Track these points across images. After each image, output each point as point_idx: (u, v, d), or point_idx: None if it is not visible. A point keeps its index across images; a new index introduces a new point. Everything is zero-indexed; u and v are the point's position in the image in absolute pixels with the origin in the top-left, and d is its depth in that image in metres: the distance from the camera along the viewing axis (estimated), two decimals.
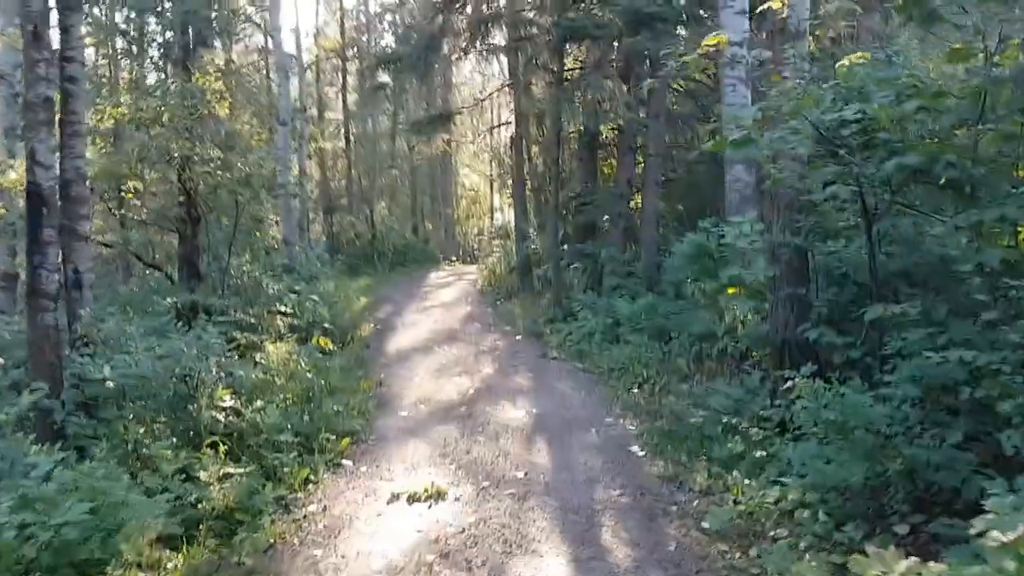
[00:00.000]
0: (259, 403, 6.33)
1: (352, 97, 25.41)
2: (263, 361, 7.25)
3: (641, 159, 11.34)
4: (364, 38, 26.75)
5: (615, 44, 9.13)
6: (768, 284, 6.14)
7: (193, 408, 5.61)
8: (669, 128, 10.82)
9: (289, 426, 6.10)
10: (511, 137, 14.19)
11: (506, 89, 13.28)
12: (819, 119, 4.13)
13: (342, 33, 25.47)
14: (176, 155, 7.98)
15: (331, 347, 8.64)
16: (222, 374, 6.21)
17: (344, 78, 24.86)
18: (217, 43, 17.18)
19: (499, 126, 18.51)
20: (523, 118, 12.46)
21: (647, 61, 9.53)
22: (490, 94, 13.97)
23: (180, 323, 7.31)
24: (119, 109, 7.65)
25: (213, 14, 8.72)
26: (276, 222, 13.98)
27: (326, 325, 8.71)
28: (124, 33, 7.67)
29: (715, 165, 11.89)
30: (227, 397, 5.91)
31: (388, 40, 25.27)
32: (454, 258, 26.72)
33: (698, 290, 8.17)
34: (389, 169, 26.37)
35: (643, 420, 6.71)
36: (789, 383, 4.57)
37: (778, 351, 6.13)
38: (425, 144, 18.61)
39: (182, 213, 8.64)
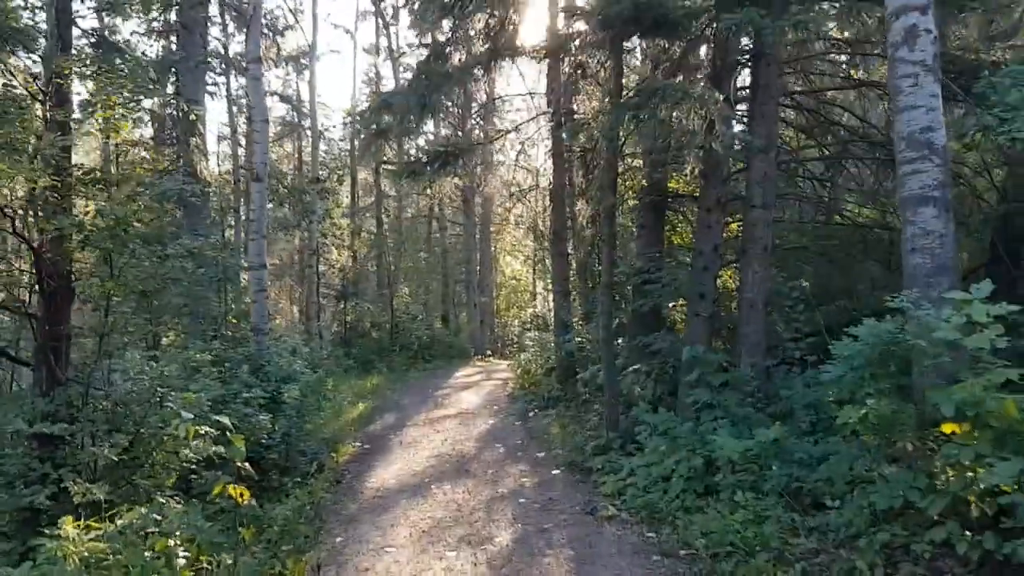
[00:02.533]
0: None
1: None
2: (72, 548, 3.91)
3: (731, 218, 7.89)
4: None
5: (701, 35, 5.99)
6: None
7: None
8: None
9: None
10: (549, 190, 10.91)
11: (543, 122, 10.05)
12: None
13: None
14: (6, 191, 4.99)
15: (246, 500, 5.26)
16: None
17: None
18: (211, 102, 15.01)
19: (533, 189, 15.25)
20: (564, 159, 9.19)
21: (753, 56, 6.30)
22: (516, 126, 10.81)
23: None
24: None
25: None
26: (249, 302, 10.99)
27: (239, 463, 5.42)
28: None
29: (847, 227, 8.27)
30: None
31: None
32: (490, 352, 23.46)
33: (863, 421, 4.58)
34: (418, 252, 23.64)
35: None
36: None
37: None
38: (423, 193, 15.21)
39: (30, 284, 5.61)
